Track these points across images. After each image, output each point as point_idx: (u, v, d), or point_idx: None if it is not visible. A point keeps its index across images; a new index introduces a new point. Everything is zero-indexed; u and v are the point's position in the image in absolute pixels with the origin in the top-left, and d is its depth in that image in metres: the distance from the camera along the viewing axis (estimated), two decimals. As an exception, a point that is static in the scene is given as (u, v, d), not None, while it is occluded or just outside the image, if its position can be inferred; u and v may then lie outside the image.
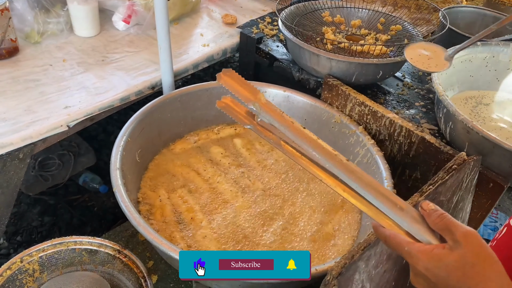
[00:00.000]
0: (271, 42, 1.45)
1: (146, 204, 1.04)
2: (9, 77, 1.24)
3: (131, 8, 1.45)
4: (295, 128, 0.64)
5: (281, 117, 0.65)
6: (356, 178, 0.62)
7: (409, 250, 0.57)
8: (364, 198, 0.62)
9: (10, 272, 0.91)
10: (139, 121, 1.09)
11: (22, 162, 1.10)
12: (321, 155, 0.63)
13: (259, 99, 0.65)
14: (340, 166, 0.62)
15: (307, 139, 0.64)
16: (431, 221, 0.58)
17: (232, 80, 0.66)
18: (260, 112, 0.65)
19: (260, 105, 0.65)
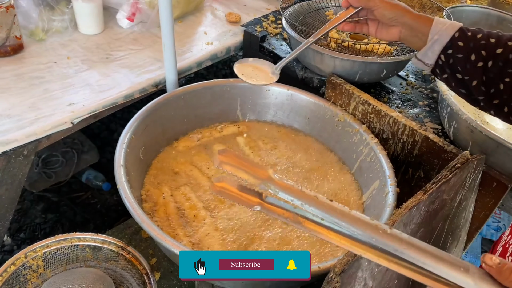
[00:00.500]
0: (274, 41, 1.45)
1: (149, 201, 1.04)
2: (13, 74, 1.24)
3: (135, 6, 1.46)
4: (321, 202, 0.56)
5: (301, 193, 0.57)
6: (408, 246, 0.54)
7: None
8: (418, 266, 0.54)
9: (14, 268, 0.92)
10: (143, 118, 1.10)
11: (26, 159, 1.11)
12: (359, 228, 0.55)
13: (270, 177, 0.57)
14: (386, 237, 0.55)
15: (338, 213, 0.56)
16: (504, 278, 0.52)
17: (232, 161, 0.57)
18: (276, 191, 0.57)
19: (274, 184, 0.57)
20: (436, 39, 0.82)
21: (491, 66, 0.77)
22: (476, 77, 0.78)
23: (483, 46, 0.78)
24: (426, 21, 0.85)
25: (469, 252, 1.77)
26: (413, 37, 0.87)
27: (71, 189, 1.85)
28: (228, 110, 1.29)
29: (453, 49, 0.81)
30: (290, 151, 1.21)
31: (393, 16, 0.88)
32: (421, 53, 0.85)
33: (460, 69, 0.80)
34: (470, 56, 0.79)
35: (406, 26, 0.87)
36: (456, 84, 0.83)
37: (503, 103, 0.78)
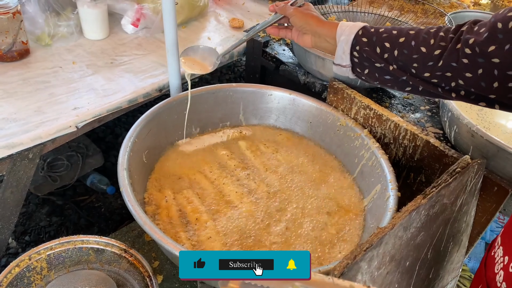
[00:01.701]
0: (277, 46, 1.46)
1: (152, 204, 1.05)
2: (20, 78, 1.26)
3: (140, 12, 1.47)
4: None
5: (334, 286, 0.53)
6: None
7: None
8: None
9: (19, 270, 0.93)
10: (146, 122, 1.11)
11: (31, 162, 1.12)
12: None
13: None
14: None
15: None
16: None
17: None
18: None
19: None
20: (343, 39, 0.88)
21: (398, 54, 0.81)
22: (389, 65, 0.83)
23: (386, 38, 0.83)
24: (332, 26, 0.92)
25: (472, 257, 1.77)
26: (323, 42, 0.95)
27: (75, 193, 1.86)
28: (231, 114, 1.30)
29: (359, 45, 0.86)
30: (291, 155, 1.22)
31: (302, 24, 0.96)
32: (336, 58, 0.91)
33: (374, 60, 0.85)
34: (375, 48, 0.84)
35: (315, 33, 0.95)
36: (379, 74, 0.86)
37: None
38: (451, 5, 1.84)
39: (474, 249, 1.64)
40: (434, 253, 0.96)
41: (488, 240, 1.84)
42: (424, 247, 0.87)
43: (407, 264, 0.84)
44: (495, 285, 0.81)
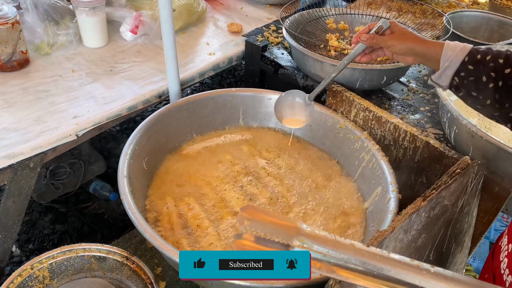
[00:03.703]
0: (276, 50, 1.46)
1: (153, 211, 1.05)
2: (20, 88, 1.27)
3: (138, 19, 1.48)
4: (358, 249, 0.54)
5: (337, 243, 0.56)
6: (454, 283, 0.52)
7: None
8: None
9: (21, 279, 0.93)
10: (146, 129, 1.11)
11: (32, 171, 1.13)
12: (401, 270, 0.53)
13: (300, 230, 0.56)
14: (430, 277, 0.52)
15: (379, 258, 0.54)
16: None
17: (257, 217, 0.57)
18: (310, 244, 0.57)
19: (306, 237, 0.56)
20: (447, 65, 0.86)
21: (502, 85, 0.80)
22: (488, 97, 0.82)
23: (492, 68, 0.81)
24: (437, 47, 0.88)
25: (477, 257, 1.76)
26: (426, 62, 0.93)
27: (78, 200, 1.86)
28: (231, 119, 1.30)
29: (464, 73, 0.84)
30: (292, 159, 1.21)
31: (405, 51, 0.93)
32: (435, 77, 0.89)
33: (474, 88, 0.83)
34: (481, 78, 0.82)
35: (419, 55, 0.92)
36: (472, 101, 0.86)
37: None
38: (450, 4, 1.84)
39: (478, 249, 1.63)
40: (437, 254, 0.96)
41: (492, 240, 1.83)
42: (426, 249, 0.87)
43: (409, 267, 0.84)
44: (499, 272, 0.82)
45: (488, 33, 1.50)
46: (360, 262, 0.53)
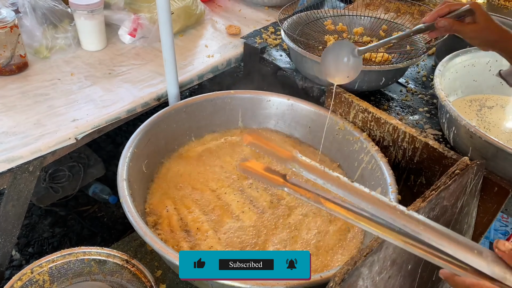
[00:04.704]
0: (274, 52, 1.47)
1: (153, 214, 1.05)
2: (19, 92, 1.27)
3: (137, 22, 1.48)
4: (342, 183, 0.59)
5: (325, 174, 0.60)
6: (425, 227, 0.57)
7: None
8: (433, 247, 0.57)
9: (21, 283, 0.93)
10: (145, 132, 1.11)
11: (32, 175, 1.13)
12: (378, 208, 0.57)
13: (294, 157, 0.60)
14: (403, 218, 0.57)
15: (359, 193, 0.58)
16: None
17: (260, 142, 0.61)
18: (300, 170, 0.60)
19: (298, 163, 0.61)
20: None
21: None
22: None
23: None
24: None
25: (477, 257, 1.76)
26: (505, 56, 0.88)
27: (78, 203, 1.86)
28: (230, 121, 1.31)
29: None
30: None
31: (485, 45, 0.88)
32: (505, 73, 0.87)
33: None
34: None
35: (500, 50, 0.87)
36: None
37: None
38: (448, 5, 1.84)
39: (478, 249, 1.62)
40: (436, 255, 0.96)
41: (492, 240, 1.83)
42: (426, 250, 0.87)
43: (409, 268, 0.84)
44: None
45: (486, 33, 1.50)
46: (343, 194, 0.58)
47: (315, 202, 0.60)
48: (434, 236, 0.56)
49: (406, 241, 0.57)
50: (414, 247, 0.57)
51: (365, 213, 0.58)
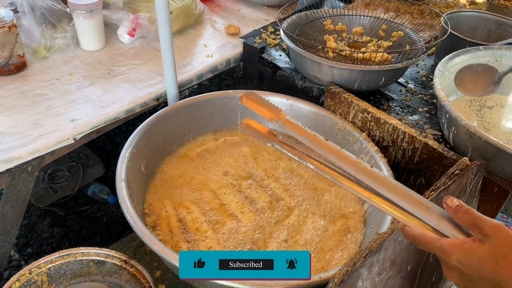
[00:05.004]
0: (274, 51, 1.46)
1: (152, 215, 1.05)
2: (17, 92, 1.26)
3: (136, 22, 1.48)
4: (317, 140, 0.67)
5: (303, 132, 0.68)
6: (382, 183, 0.65)
7: (441, 245, 0.59)
8: (390, 201, 0.65)
9: (19, 284, 0.93)
10: (144, 132, 1.11)
11: (30, 175, 1.12)
12: (346, 164, 0.66)
13: (281, 117, 0.69)
14: (365, 173, 0.65)
15: (330, 150, 0.67)
16: (458, 218, 0.60)
17: (254, 102, 0.70)
18: (284, 128, 0.69)
19: (282, 122, 0.69)
20: None
21: None
22: None
23: None
24: None
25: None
26: None
27: (77, 203, 1.86)
28: (229, 121, 1.30)
29: None
30: (293, 162, 1.21)
31: None
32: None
33: None
34: None
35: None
36: None
37: None
38: (447, 5, 1.84)
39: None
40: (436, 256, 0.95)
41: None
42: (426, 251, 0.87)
43: (409, 268, 0.84)
44: None
45: (486, 33, 1.50)
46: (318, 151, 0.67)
47: (299, 159, 0.69)
48: (387, 190, 0.64)
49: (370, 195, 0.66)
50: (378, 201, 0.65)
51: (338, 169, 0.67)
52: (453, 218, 0.61)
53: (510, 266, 0.55)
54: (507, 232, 0.57)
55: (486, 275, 0.56)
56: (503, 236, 0.56)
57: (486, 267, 0.56)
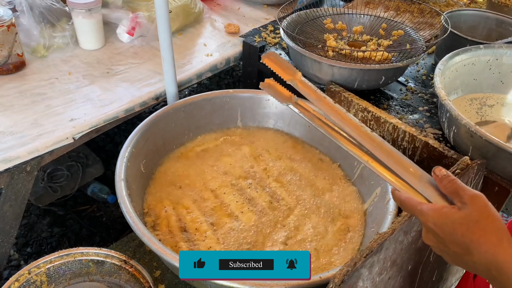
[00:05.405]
0: (273, 50, 1.46)
1: (151, 215, 1.04)
2: (16, 91, 1.26)
3: (135, 20, 1.47)
4: (326, 102, 0.73)
5: (315, 93, 0.74)
6: (379, 147, 0.68)
7: (421, 209, 0.62)
8: (386, 166, 0.68)
9: (18, 284, 0.92)
10: (143, 131, 1.11)
11: (29, 175, 1.12)
12: (348, 126, 0.70)
13: (297, 78, 0.75)
14: (365, 136, 0.69)
15: (336, 112, 0.72)
16: (443, 186, 0.63)
17: (273, 62, 0.76)
18: (298, 88, 0.75)
19: (297, 83, 0.75)
20: None
21: None
22: None
23: None
24: None
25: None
26: None
27: (76, 203, 1.86)
28: (229, 121, 1.30)
29: None
30: (293, 161, 1.20)
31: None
32: None
33: None
34: None
35: None
36: None
37: None
38: (447, 3, 1.83)
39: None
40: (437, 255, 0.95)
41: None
42: (426, 250, 0.87)
43: (409, 268, 0.83)
44: None
45: (486, 32, 1.50)
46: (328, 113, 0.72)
47: (309, 119, 0.74)
48: (383, 154, 0.68)
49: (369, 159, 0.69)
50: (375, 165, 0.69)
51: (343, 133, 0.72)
52: (439, 186, 0.64)
53: (479, 232, 0.57)
54: (484, 202, 0.59)
55: (457, 239, 0.58)
56: (480, 205, 0.59)
57: (457, 231, 0.58)
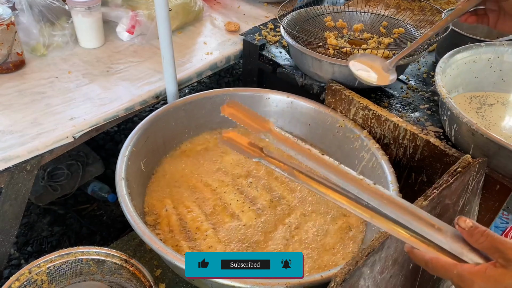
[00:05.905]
0: (274, 49, 1.45)
1: (152, 214, 1.04)
2: (15, 90, 1.26)
3: (135, 19, 1.47)
4: (313, 155, 0.61)
5: (296, 146, 0.62)
6: (388, 202, 0.59)
7: (459, 272, 0.55)
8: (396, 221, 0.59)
9: (19, 284, 0.92)
10: (143, 130, 1.10)
11: (29, 174, 1.12)
12: (345, 181, 0.60)
13: (270, 129, 0.62)
14: (368, 192, 0.59)
15: (328, 166, 0.60)
16: (474, 241, 0.55)
17: (238, 112, 0.63)
18: (274, 142, 0.62)
19: (272, 135, 0.62)
20: None
21: None
22: None
23: None
24: None
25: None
26: None
27: (77, 202, 1.86)
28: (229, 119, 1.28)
29: None
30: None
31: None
32: None
33: None
34: None
35: None
36: None
37: None
38: (448, 1, 1.83)
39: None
40: (438, 254, 0.95)
41: (493, 237, 1.82)
42: (427, 250, 0.86)
43: (411, 266, 0.83)
44: None
45: (487, 29, 1.48)
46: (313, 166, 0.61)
47: (289, 175, 0.63)
48: (395, 209, 0.58)
49: (372, 215, 0.60)
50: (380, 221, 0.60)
51: (336, 187, 0.61)
52: (469, 241, 0.56)
53: None
54: None
55: None
56: None
57: None
